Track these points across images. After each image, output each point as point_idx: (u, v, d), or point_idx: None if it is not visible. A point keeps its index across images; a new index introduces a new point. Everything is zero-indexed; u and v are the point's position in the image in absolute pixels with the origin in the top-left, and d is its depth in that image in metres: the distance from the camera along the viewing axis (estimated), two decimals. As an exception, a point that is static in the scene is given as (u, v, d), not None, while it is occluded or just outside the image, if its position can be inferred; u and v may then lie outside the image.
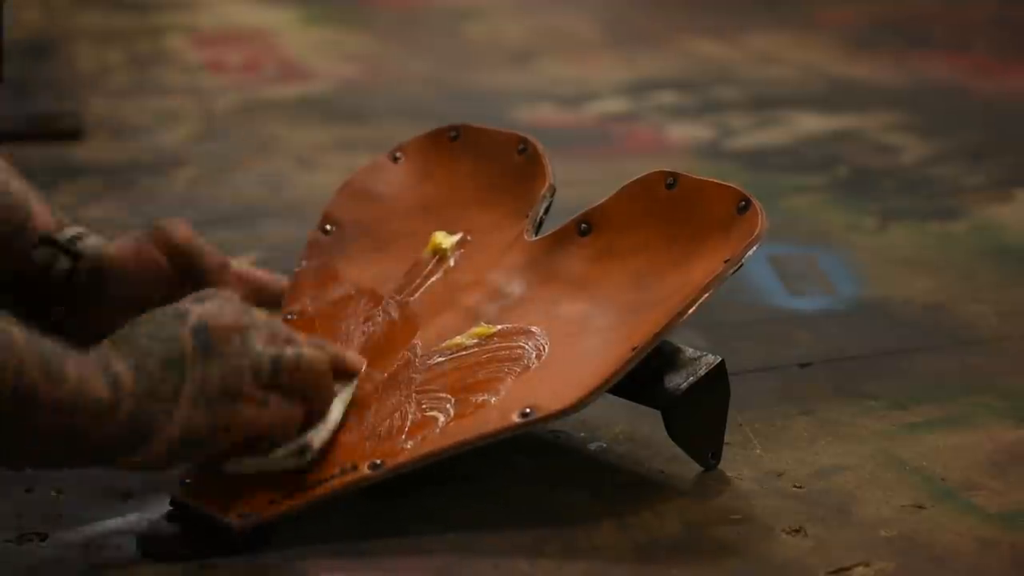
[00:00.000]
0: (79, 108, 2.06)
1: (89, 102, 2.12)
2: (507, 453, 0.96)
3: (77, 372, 0.80)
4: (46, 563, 0.85)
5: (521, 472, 0.97)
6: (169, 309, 0.86)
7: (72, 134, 1.93)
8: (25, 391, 0.77)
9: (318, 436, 0.89)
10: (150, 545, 0.86)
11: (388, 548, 0.87)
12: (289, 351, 0.87)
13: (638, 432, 1.01)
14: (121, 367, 0.82)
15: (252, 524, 0.85)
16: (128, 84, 2.36)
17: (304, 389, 0.88)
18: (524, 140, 1.09)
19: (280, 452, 0.87)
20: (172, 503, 0.89)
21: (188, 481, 0.89)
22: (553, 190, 1.06)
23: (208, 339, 0.85)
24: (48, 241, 1.04)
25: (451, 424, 0.89)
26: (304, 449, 0.88)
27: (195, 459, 0.87)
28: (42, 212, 1.05)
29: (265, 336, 0.87)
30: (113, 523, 0.89)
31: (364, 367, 0.95)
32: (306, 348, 0.89)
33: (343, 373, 0.93)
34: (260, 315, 0.89)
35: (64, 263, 1.04)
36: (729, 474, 0.97)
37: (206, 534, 0.86)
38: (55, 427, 0.79)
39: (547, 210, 1.05)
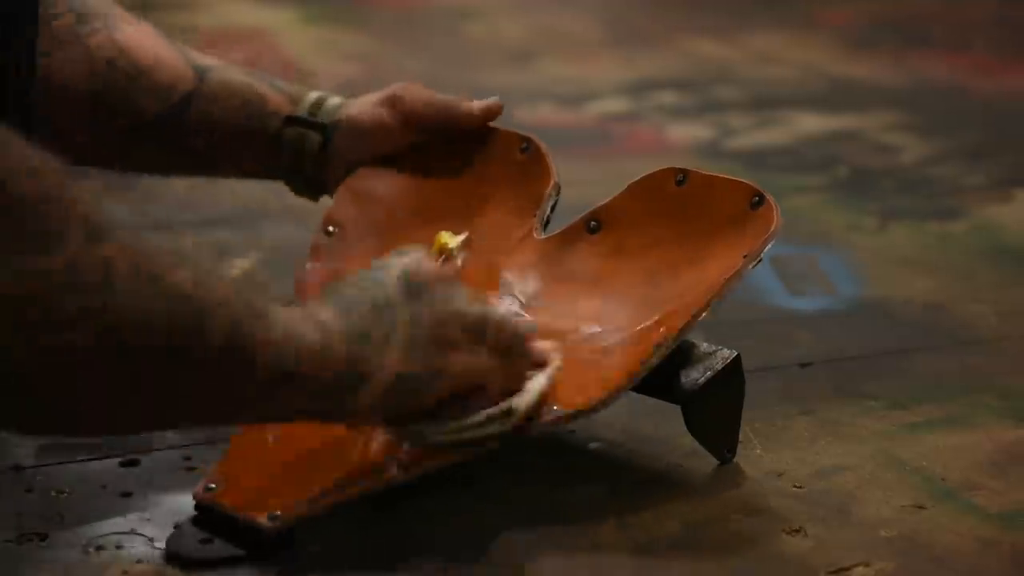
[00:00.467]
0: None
1: (89, 102, 2.11)
2: (507, 453, 0.96)
3: (285, 317, 0.77)
4: (46, 563, 0.85)
5: (521, 472, 0.97)
6: (372, 265, 0.85)
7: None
8: (240, 335, 0.74)
9: (523, 400, 0.86)
10: (177, 550, 0.85)
11: (388, 549, 0.87)
12: (494, 310, 0.86)
13: (638, 432, 1.01)
14: (328, 314, 0.79)
15: (282, 525, 0.85)
16: (128, 84, 2.36)
17: (508, 350, 0.85)
18: (527, 139, 1.09)
19: (482, 415, 0.84)
20: (197, 507, 0.88)
21: (212, 486, 0.88)
22: (558, 188, 1.05)
23: (415, 285, 0.82)
24: (293, 121, 1.08)
25: None
26: (509, 412, 0.85)
27: (407, 409, 0.83)
28: (271, 93, 1.09)
29: (468, 293, 0.85)
30: (113, 523, 0.89)
31: (557, 363, 0.90)
32: (508, 315, 0.88)
33: (537, 362, 0.89)
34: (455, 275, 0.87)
35: (315, 140, 1.08)
36: (729, 474, 0.97)
37: (233, 537, 0.85)
38: (269, 370, 0.76)
39: (553, 209, 1.05)
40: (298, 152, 1.09)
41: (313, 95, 1.11)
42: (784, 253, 1.47)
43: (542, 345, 0.89)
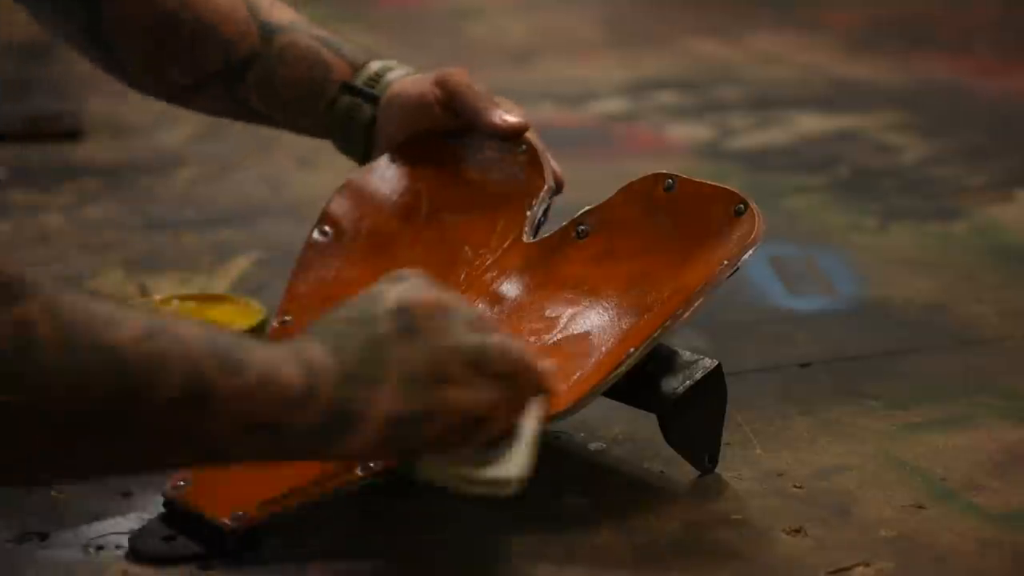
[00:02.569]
0: (78, 108, 2.06)
1: (89, 102, 2.11)
2: (507, 453, 0.96)
3: (263, 360, 0.74)
4: (46, 563, 0.85)
5: (521, 472, 0.97)
6: (364, 294, 0.80)
7: (72, 134, 1.93)
8: (199, 386, 0.72)
9: (515, 464, 0.80)
10: (140, 545, 0.86)
11: (388, 550, 0.87)
12: (494, 337, 0.80)
13: (638, 433, 1.01)
14: (316, 352, 0.76)
15: (243, 525, 0.85)
16: (128, 84, 2.36)
17: (512, 378, 0.81)
18: (525, 140, 1.09)
19: (486, 474, 0.80)
20: (165, 504, 0.88)
21: (181, 483, 0.88)
22: (552, 192, 1.05)
23: (410, 319, 0.78)
24: (349, 90, 1.08)
25: None
26: (506, 482, 0.80)
27: (406, 449, 0.79)
28: (335, 61, 1.09)
29: (465, 320, 0.80)
30: (113, 523, 0.89)
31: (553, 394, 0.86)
32: (510, 339, 0.83)
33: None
34: (457, 298, 0.82)
35: (367, 111, 1.08)
36: (729, 474, 0.97)
37: (197, 535, 0.86)
38: (238, 418, 0.73)
39: (546, 212, 1.05)
40: (349, 120, 1.11)
41: (375, 65, 1.11)
42: (784, 253, 1.47)
43: (543, 365, 0.84)
